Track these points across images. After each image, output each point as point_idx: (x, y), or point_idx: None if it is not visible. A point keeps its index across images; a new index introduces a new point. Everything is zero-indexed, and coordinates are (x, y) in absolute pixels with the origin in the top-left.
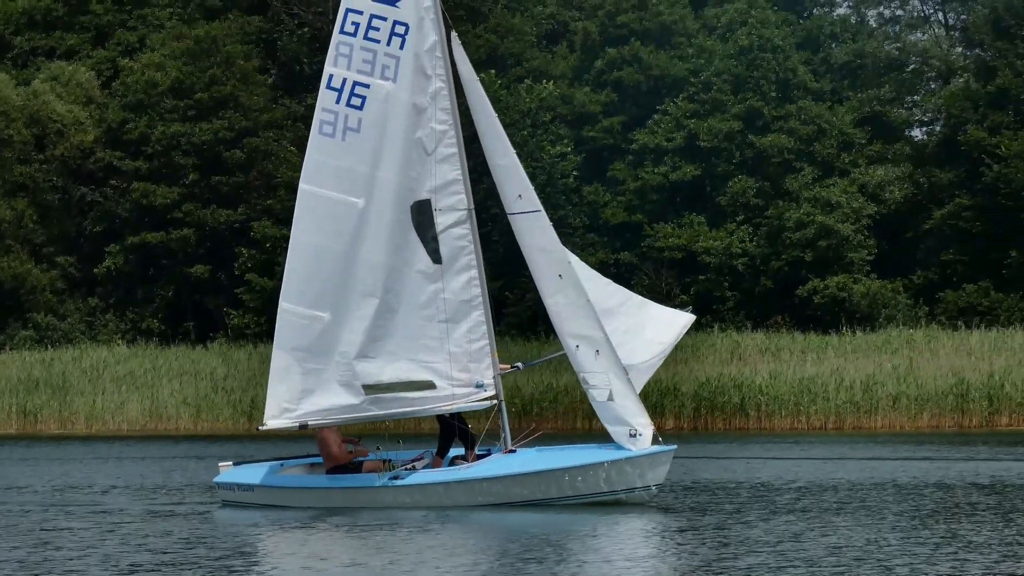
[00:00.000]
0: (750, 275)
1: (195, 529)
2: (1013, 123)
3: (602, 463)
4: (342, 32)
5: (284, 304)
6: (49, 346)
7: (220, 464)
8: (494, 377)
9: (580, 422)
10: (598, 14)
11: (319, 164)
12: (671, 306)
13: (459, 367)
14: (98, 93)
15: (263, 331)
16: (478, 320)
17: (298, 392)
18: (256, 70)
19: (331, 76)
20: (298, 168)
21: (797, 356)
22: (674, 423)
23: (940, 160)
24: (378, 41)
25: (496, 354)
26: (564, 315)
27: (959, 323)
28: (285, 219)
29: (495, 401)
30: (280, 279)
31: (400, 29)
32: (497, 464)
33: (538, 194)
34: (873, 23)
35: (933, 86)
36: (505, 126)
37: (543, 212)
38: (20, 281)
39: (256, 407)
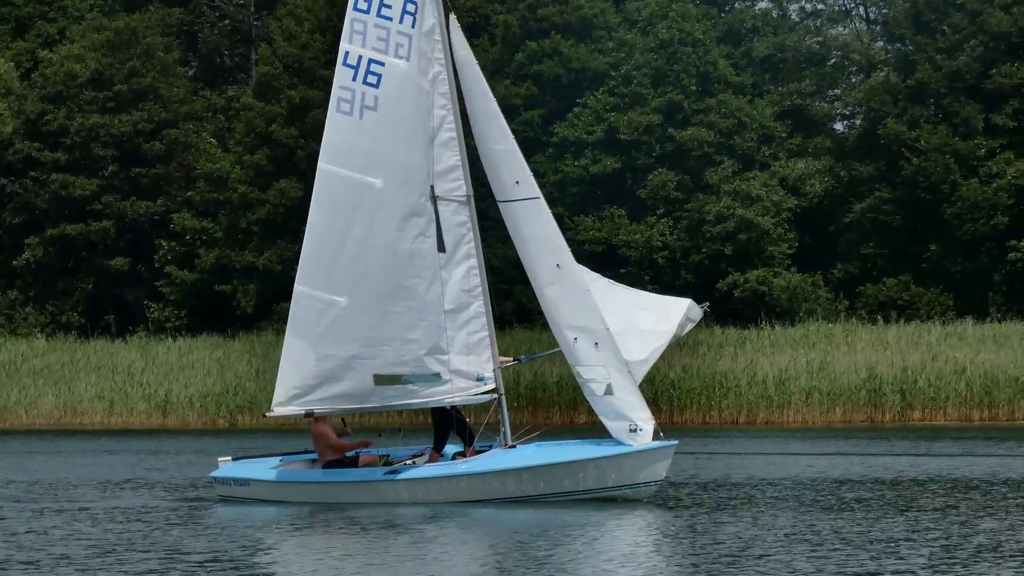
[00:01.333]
0: (670, 269)
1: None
2: (932, 117)
3: (602, 459)
4: (355, 9)
5: (300, 287)
6: None
7: (219, 459)
8: (494, 370)
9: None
10: (519, 7)
11: (337, 143)
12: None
13: (460, 359)
14: (17, 85)
15: (183, 324)
16: (478, 311)
17: (310, 379)
18: (176, 62)
19: (347, 53)
20: (217, 160)
21: (714, 350)
22: (586, 417)
23: (860, 153)
24: (390, 19)
25: (496, 346)
26: (561, 306)
27: (878, 317)
28: (205, 211)
29: (496, 395)
30: (199, 271)
31: (411, 8)
32: (497, 459)
33: None
34: (795, 17)
35: (854, 80)
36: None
37: (542, 199)
38: None
39: (170, 401)
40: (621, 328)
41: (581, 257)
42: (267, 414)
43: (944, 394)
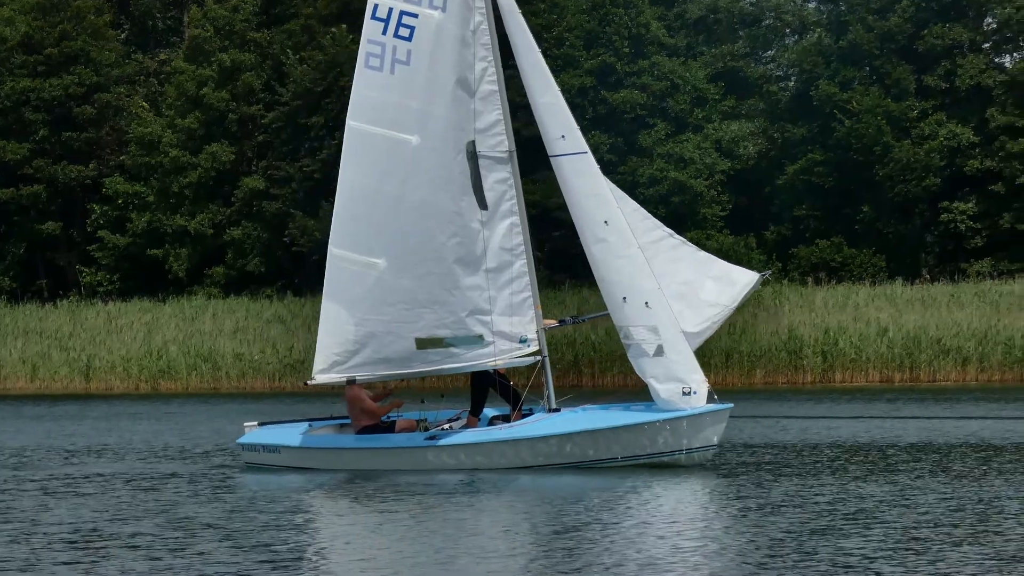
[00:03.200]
0: None
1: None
2: (865, 78)
3: (656, 422)
4: None
5: (334, 250)
6: None
7: (245, 425)
8: (538, 332)
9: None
10: None
11: (366, 99)
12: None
13: (503, 320)
14: None
15: (116, 288)
16: (521, 270)
17: (351, 344)
18: (108, 25)
19: (376, 6)
20: (149, 124)
21: None
22: (512, 380)
23: (794, 115)
24: None
25: (540, 307)
26: (610, 264)
27: (809, 279)
28: (137, 175)
29: (539, 357)
30: (130, 235)
31: None
32: (541, 424)
33: None
34: None
35: (788, 42)
36: None
37: (589, 154)
38: None
39: (92, 366)
40: (680, 294)
41: None
42: (308, 382)
43: (865, 355)
